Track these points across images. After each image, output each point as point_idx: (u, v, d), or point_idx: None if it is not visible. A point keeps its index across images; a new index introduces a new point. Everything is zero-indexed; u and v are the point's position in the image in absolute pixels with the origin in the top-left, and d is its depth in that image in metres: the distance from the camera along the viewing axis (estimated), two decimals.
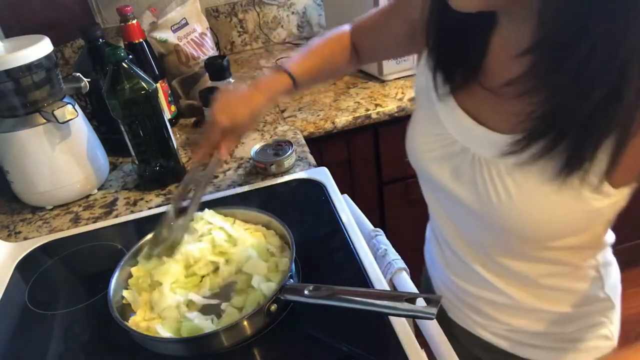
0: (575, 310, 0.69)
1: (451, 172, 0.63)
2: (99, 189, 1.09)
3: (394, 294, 0.62)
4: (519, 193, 0.56)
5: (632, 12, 0.43)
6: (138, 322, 0.67)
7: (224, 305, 0.67)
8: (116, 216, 1.00)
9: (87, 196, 1.07)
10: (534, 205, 0.55)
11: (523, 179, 0.55)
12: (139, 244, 0.77)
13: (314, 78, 0.85)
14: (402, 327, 0.65)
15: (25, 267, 0.89)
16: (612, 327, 0.74)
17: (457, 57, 0.61)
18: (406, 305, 0.56)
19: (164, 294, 0.68)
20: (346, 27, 0.88)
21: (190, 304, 0.69)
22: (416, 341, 0.64)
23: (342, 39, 0.86)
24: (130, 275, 0.75)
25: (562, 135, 0.50)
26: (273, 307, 0.65)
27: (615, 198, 0.54)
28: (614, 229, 0.67)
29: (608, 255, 0.71)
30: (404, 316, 0.64)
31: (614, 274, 0.72)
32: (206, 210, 0.81)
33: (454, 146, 0.62)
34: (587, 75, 0.46)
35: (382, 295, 0.61)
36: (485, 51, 0.60)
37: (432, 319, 0.54)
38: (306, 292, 0.63)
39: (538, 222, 0.56)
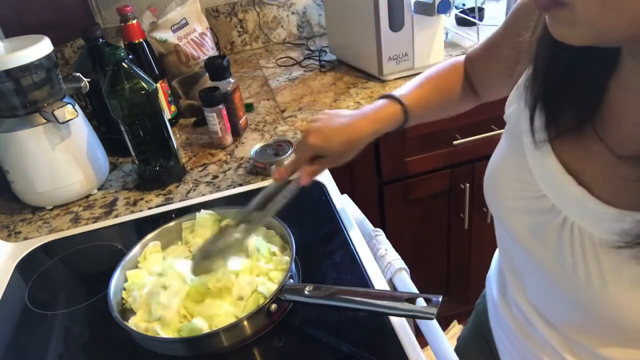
0: None
1: (533, 229, 0.53)
2: (99, 189, 1.09)
3: (394, 294, 0.62)
4: (617, 285, 0.45)
5: None
6: (138, 322, 0.67)
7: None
8: (116, 216, 1.00)
9: (87, 196, 1.07)
10: (633, 301, 0.44)
11: (625, 271, 0.44)
12: (139, 244, 0.77)
13: (427, 108, 0.75)
14: (402, 327, 0.65)
15: (25, 267, 0.89)
16: None
17: (567, 93, 0.48)
18: (406, 305, 0.57)
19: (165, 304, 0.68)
20: (460, 58, 0.79)
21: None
22: (416, 341, 0.64)
23: (456, 67, 0.77)
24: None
25: None
26: (273, 307, 0.65)
27: None
28: None
29: None
30: (404, 316, 0.64)
31: None
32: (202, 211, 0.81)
33: (541, 201, 0.51)
34: None
35: (382, 295, 0.61)
36: (602, 95, 0.47)
37: (432, 319, 0.54)
38: (306, 291, 0.63)
39: (636, 319, 0.45)
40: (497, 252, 0.74)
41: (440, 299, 0.55)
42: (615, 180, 0.45)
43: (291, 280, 0.68)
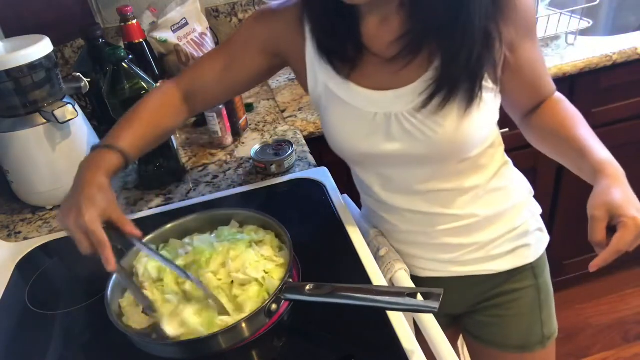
0: (513, 202, 0.82)
1: (384, 139, 0.73)
2: None
3: (395, 290, 0.62)
4: (446, 124, 0.69)
5: None
6: (136, 324, 0.67)
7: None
8: None
9: None
10: (462, 125, 0.69)
11: (442, 116, 0.69)
12: (140, 243, 0.77)
13: (146, 146, 0.79)
14: (401, 327, 0.65)
15: (25, 267, 0.89)
16: (539, 219, 0.88)
17: (342, 38, 0.71)
18: (408, 300, 0.57)
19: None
20: (169, 83, 0.84)
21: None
22: (416, 340, 0.64)
23: (166, 96, 0.82)
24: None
25: (455, 84, 0.66)
26: (274, 307, 0.65)
27: (497, 90, 0.73)
28: None
29: (505, 155, 0.85)
30: (406, 311, 0.64)
31: (515, 170, 0.87)
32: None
33: (376, 118, 0.72)
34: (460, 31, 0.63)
35: (383, 291, 0.61)
36: (361, 30, 0.71)
37: (434, 311, 0.55)
38: (307, 290, 0.63)
39: (472, 135, 0.71)
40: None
41: (442, 293, 0.55)
42: (398, 74, 0.70)
43: (290, 280, 0.68)
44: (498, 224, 0.82)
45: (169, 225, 0.81)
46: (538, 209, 0.88)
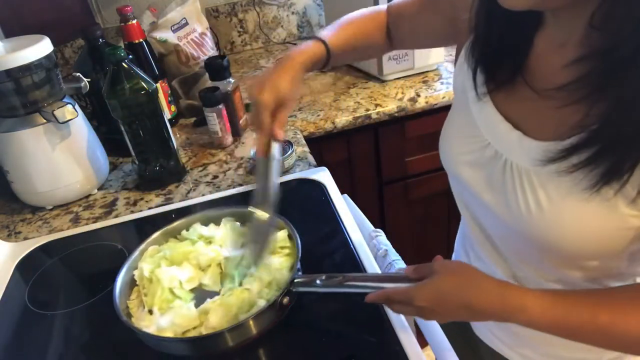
0: None
1: (483, 178, 0.61)
2: (99, 189, 1.09)
3: (404, 276, 0.59)
4: (550, 205, 0.53)
5: None
6: (142, 322, 0.67)
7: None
8: (116, 216, 1.00)
9: (87, 196, 1.07)
10: (564, 216, 0.52)
11: (555, 191, 0.52)
12: (142, 244, 0.77)
13: (348, 51, 0.81)
14: (402, 327, 0.65)
15: (25, 267, 0.89)
16: None
17: (502, 53, 0.58)
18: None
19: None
20: (383, 7, 0.84)
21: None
22: (416, 340, 0.64)
23: (378, 18, 0.83)
24: (132, 281, 0.74)
25: (609, 148, 0.47)
26: (285, 300, 0.65)
27: None
28: None
29: None
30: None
31: None
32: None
33: (486, 150, 0.60)
34: None
35: (393, 277, 0.61)
36: (529, 51, 0.57)
37: None
38: (318, 282, 0.63)
39: (569, 235, 0.52)
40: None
41: None
42: (544, 121, 0.54)
43: (300, 273, 0.68)
44: (586, 347, 0.60)
45: (175, 223, 0.81)
46: None
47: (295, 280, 0.65)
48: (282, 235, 0.76)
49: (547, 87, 0.53)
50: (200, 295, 0.70)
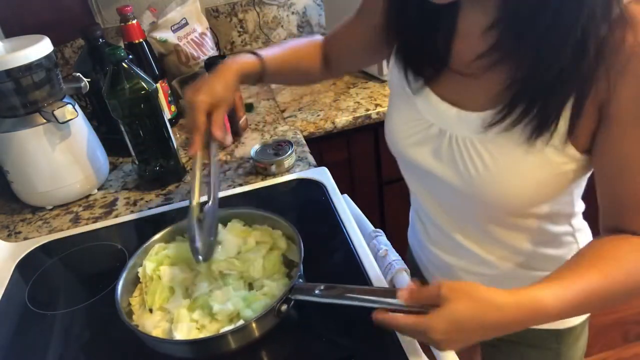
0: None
1: (431, 154, 0.67)
2: (99, 189, 1.09)
3: None
4: (494, 164, 0.60)
5: None
6: (141, 321, 0.68)
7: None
8: (116, 216, 1.00)
9: (87, 196, 1.07)
10: (508, 172, 0.60)
11: (497, 150, 0.60)
12: (148, 242, 0.77)
13: (282, 69, 0.84)
14: None
15: (25, 267, 0.89)
16: None
17: (425, 52, 0.66)
18: None
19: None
20: (319, 37, 0.91)
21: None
22: (416, 341, 0.64)
23: (314, 43, 0.89)
24: (136, 278, 0.74)
25: (533, 102, 0.55)
26: (283, 308, 0.64)
27: (582, 163, 0.59)
28: None
29: (580, 222, 0.75)
30: (417, 313, 0.63)
31: (587, 239, 0.76)
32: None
33: (431, 129, 0.67)
34: (553, 41, 0.51)
35: (395, 292, 0.60)
36: (453, 36, 0.64)
37: None
38: (317, 291, 0.63)
39: (513, 189, 0.61)
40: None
41: None
42: (474, 94, 0.62)
43: (300, 281, 0.68)
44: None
45: (178, 224, 0.80)
46: None
47: (295, 288, 0.65)
48: (283, 242, 0.77)
49: (469, 61, 0.60)
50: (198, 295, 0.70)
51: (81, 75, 1.05)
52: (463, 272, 0.77)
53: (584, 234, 0.75)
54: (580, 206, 0.73)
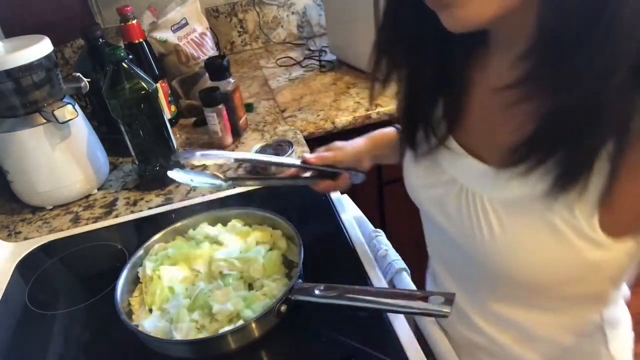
0: None
1: (438, 201, 0.60)
2: (99, 189, 1.09)
3: (407, 293, 0.61)
4: (502, 232, 0.51)
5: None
6: (143, 323, 0.67)
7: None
8: (116, 216, 1.00)
9: (87, 196, 1.07)
10: (518, 245, 0.50)
11: (507, 217, 0.51)
12: (149, 241, 0.77)
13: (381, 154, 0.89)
14: (402, 328, 0.65)
15: (25, 267, 0.89)
16: None
17: (425, 126, 0.60)
18: (421, 304, 0.55)
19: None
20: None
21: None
22: (416, 341, 0.64)
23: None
24: (136, 278, 0.74)
25: (554, 146, 0.44)
26: (283, 308, 0.64)
27: (615, 253, 0.47)
28: None
29: (617, 313, 0.61)
30: (418, 314, 0.63)
31: (622, 335, 0.62)
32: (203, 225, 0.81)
33: (443, 175, 0.59)
34: (598, 69, 0.39)
35: (395, 294, 0.60)
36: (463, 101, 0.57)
37: (447, 316, 0.53)
38: (317, 292, 0.63)
39: (523, 265, 0.50)
40: None
41: (454, 297, 0.54)
42: (494, 146, 0.52)
43: (300, 281, 0.68)
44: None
45: (183, 222, 0.81)
46: None
47: (295, 288, 0.65)
48: (284, 242, 0.77)
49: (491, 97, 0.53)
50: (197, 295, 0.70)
51: (81, 75, 1.05)
52: (469, 343, 0.67)
53: (620, 329, 0.61)
54: (620, 293, 0.60)
